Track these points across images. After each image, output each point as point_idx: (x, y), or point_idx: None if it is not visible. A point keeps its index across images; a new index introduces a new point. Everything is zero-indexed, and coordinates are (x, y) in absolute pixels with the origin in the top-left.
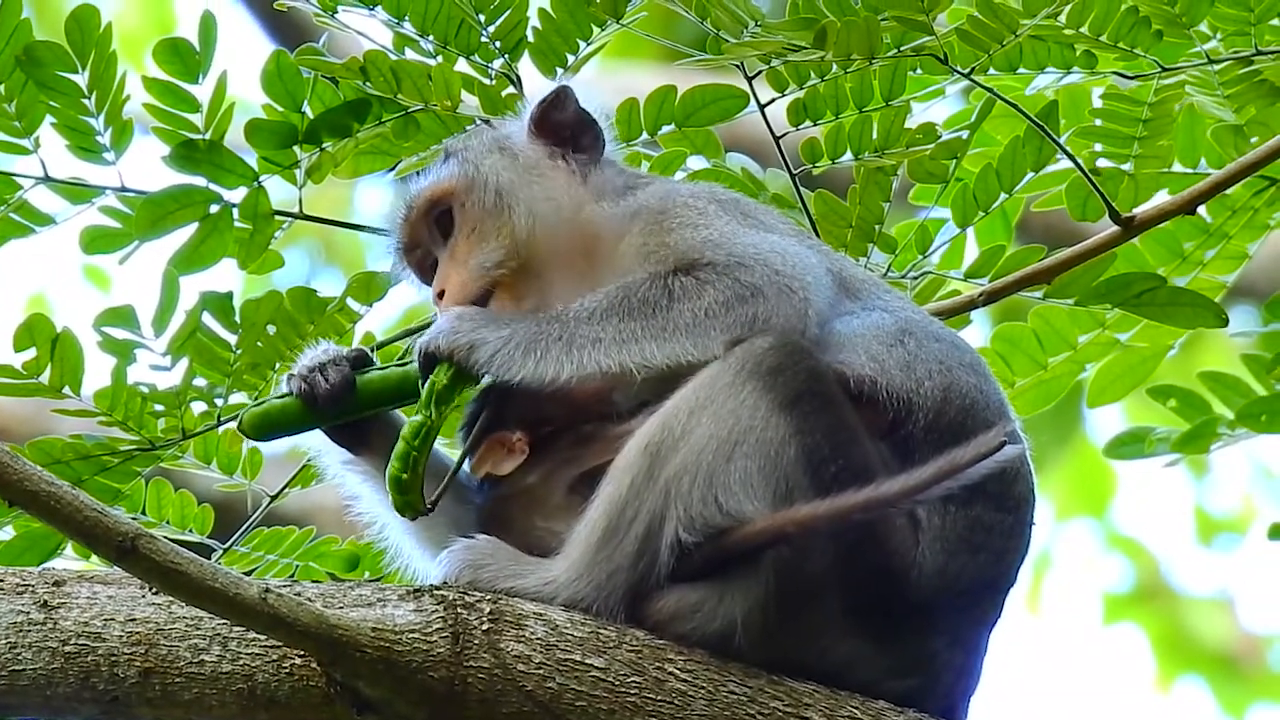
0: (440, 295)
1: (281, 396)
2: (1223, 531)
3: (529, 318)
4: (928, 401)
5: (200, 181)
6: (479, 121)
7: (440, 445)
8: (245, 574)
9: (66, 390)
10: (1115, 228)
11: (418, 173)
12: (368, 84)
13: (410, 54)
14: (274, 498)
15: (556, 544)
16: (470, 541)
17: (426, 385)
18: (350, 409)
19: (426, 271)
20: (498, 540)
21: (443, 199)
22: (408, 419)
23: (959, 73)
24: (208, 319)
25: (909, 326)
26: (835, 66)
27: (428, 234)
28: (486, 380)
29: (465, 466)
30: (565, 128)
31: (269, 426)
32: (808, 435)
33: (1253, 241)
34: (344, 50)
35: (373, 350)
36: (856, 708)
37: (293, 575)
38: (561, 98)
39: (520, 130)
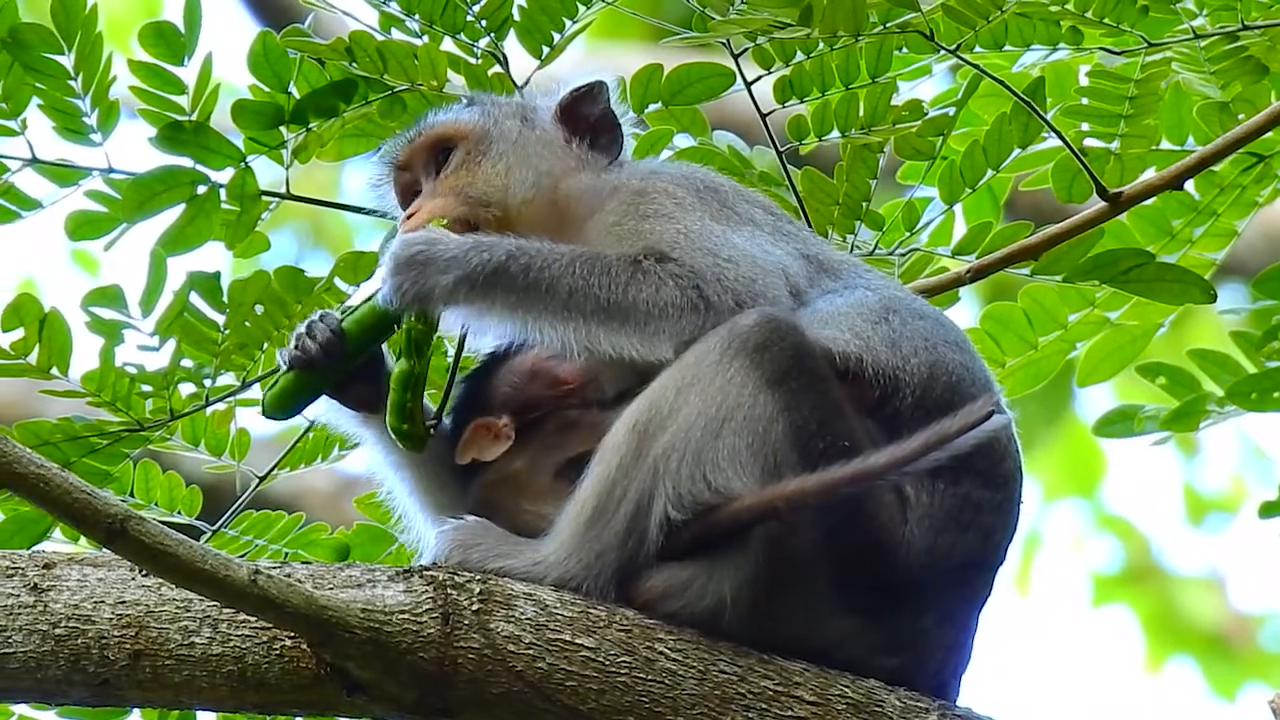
0: (409, 217)
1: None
2: (1213, 511)
3: (489, 246)
4: (914, 378)
5: (187, 163)
6: None
7: None
8: None
9: (54, 371)
10: (1102, 204)
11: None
12: (354, 64)
13: (396, 34)
14: (262, 479)
15: (545, 527)
16: (460, 522)
17: (403, 332)
18: (346, 356)
19: (407, 196)
20: (487, 521)
21: (452, 138)
22: (394, 365)
23: (945, 49)
24: (195, 299)
25: (893, 304)
26: (821, 44)
27: (423, 162)
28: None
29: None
30: (589, 120)
31: (288, 400)
32: (795, 411)
33: (1241, 219)
34: (330, 31)
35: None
36: (847, 686)
37: (283, 561)
38: (595, 91)
39: (547, 109)
